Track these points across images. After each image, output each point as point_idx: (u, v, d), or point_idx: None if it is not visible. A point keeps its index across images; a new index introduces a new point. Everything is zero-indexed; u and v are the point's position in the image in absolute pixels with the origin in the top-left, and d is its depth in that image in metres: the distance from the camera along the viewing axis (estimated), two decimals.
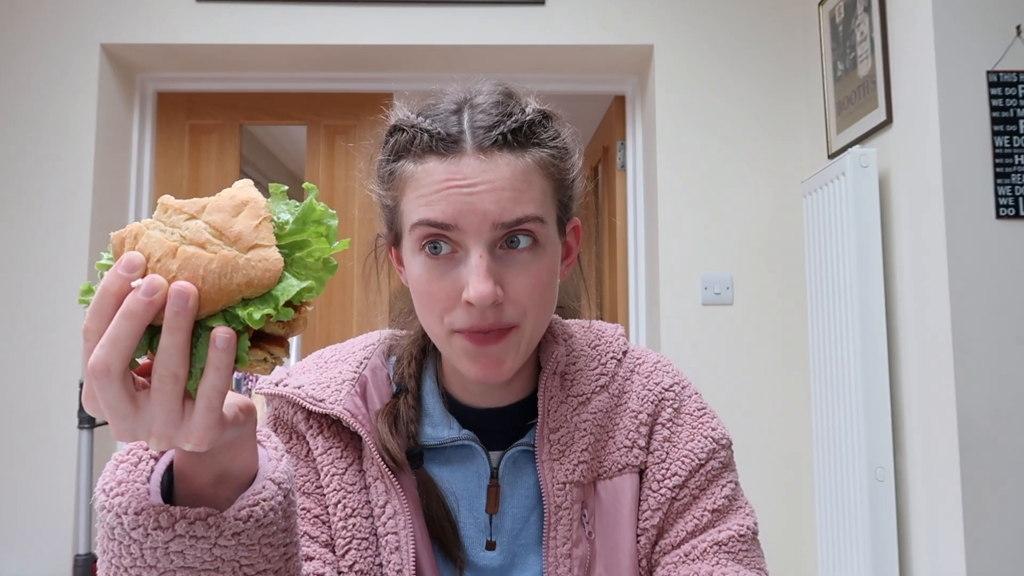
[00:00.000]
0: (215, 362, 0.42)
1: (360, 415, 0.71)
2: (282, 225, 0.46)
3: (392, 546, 0.68)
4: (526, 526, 0.72)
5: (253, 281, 0.43)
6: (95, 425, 2.10)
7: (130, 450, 0.52)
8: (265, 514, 0.50)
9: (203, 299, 0.42)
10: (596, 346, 0.79)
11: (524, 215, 0.65)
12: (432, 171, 0.65)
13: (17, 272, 2.36)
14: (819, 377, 2.13)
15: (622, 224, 2.72)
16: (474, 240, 0.64)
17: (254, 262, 0.43)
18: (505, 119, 0.67)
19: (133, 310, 0.41)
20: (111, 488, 0.49)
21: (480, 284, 0.63)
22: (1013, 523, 1.62)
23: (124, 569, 0.49)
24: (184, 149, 2.71)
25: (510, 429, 0.74)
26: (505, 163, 0.65)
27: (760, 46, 2.49)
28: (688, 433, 0.74)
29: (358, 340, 0.81)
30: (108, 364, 0.41)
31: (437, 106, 0.69)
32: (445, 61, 2.59)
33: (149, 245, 0.43)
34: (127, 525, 0.47)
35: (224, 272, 0.43)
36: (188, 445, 0.44)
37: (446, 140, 0.66)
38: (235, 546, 0.49)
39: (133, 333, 0.41)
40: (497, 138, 0.65)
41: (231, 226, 0.44)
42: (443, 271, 0.65)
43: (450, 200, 0.64)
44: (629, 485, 0.73)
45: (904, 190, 1.88)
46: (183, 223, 0.44)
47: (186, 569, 0.48)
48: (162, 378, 0.42)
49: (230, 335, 0.42)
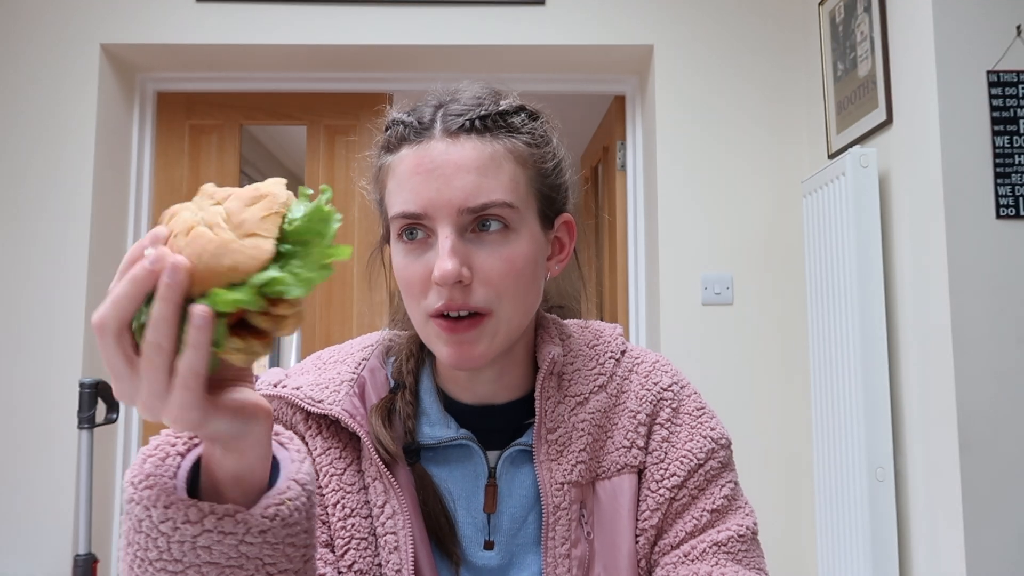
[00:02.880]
0: (192, 339, 0.44)
1: (358, 415, 0.71)
2: (291, 222, 0.47)
3: (391, 546, 0.68)
4: (524, 526, 0.72)
5: (238, 266, 0.44)
6: (95, 425, 2.10)
7: (157, 445, 0.53)
8: (290, 513, 0.51)
9: (196, 277, 0.44)
10: (594, 346, 0.79)
11: (490, 200, 0.66)
12: (404, 158, 0.68)
13: (17, 272, 2.36)
14: (819, 377, 2.13)
15: (622, 224, 2.72)
16: (443, 224, 0.66)
17: (246, 247, 0.45)
18: (476, 108, 0.69)
19: (136, 275, 0.44)
20: (140, 481, 0.50)
21: (444, 262, 0.64)
22: (1013, 523, 1.62)
23: (150, 562, 0.49)
24: (184, 149, 2.71)
25: (508, 428, 0.74)
26: (471, 146, 0.67)
27: (760, 46, 2.49)
28: (687, 433, 0.74)
29: (356, 341, 0.81)
30: (105, 320, 0.44)
31: (420, 104, 0.72)
32: (445, 61, 2.59)
33: (176, 223, 0.46)
34: (156, 518, 0.48)
35: (218, 253, 0.44)
36: (167, 421, 0.45)
37: (417, 128, 0.68)
38: (261, 544, 0.49)
39: (132, 296, 0.44)
40: (464, 123, 0.68)
41: (240, 213, 0.46)
42: (417, 255, 0.67)
43: (419, 188, 0.66)
44: (628, 485, 0.73)
45: (904, 190, 1.88)
46: (209, 207, 0.47)
47: (211, 565, 0.49)
48: (148, 345, 0.44)
49: (206, 312, 0.43)
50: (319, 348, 0.82)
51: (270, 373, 0.77)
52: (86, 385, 2.08)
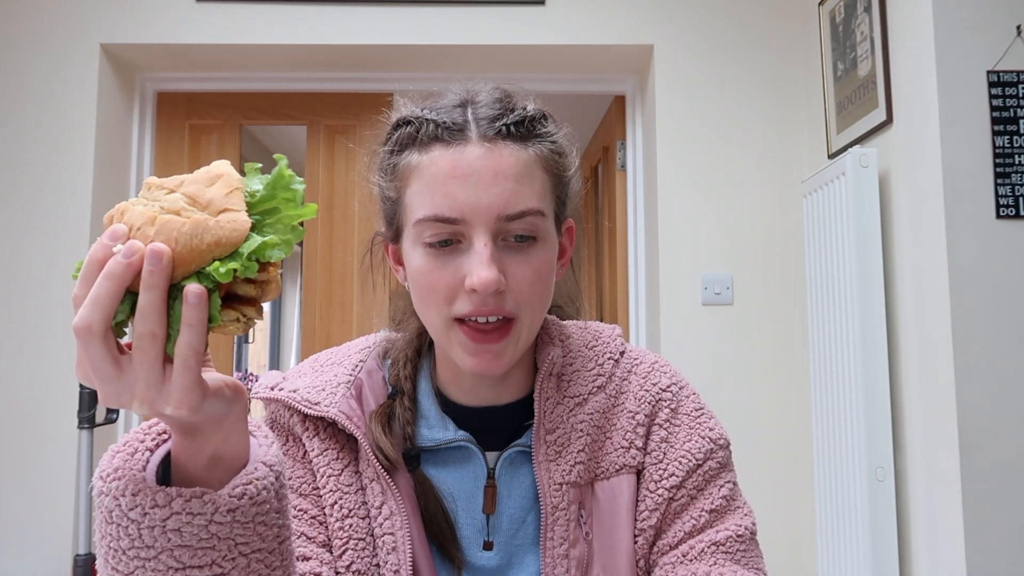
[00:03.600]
0: (188, 319, 0.45)
1: (355, 417, 0.71)
2: (253, 194, 0.48)
3: (389, 546, 0.68)
4: (523, 526, 0.72)
5: (222, 240, 0.46)
6: (95, 425, 2.10)
7: (126, 442, 0.53)
8: (258, 492, 0.51)
9: (177, 260, 0.45)
10: (593, 347, 0.79)
11: (527, 208, 0.66)
12: (437, 159, 0.67)
13: (17, 272, 2.36)
14: (819, 377, 2.13)
15: (622, 224, 2.72)
16: (479, 230, 0.65)
17: (223, 223, 0.46)
18: (508, 112, 0.69)
19: (113, 271, 0.44)
20: (108, 475, 0.50)
21: (485, 271, 0.64)
22: (1013, 523, 1.62)
23: (122, 551, 0.50)
24: (184, 149, 2.71)
25: (507, 429, 0.74)
26: (509, 153, 0.67)
27: (760, 46, 2.49)
28: (685, 434, 0.74)
29: (354, 344, 0.81)
30: (90, 323, 0.44)
31: (440, 102, 0.71)
32: (445, 61, 2.59)
33: (132, 217, 0.46)
34: (125, 506, 0.49)
35: (195, 233, 0.45)
36: (169, 408, 0.46)
37: (451, 129, 0.67)
38: (231, 523, 0.50)
39: (113, 292, 0.44)
40: (501, 128, 0.67)
41: (204, 194, 0.47)
42: (445, 261, 0.66)
43: (456, 192, 0.65)
44: (627, 486, 0.73)
45: (904, 190, 1.88)
46: (163, 197, 0.48)
47: (183, 548, 0.49)
48: (141, 336, 0.44)
49: (201, 291, 0.45)
50: (319, 349, 0.82)
51: (268, 376, 0.77)
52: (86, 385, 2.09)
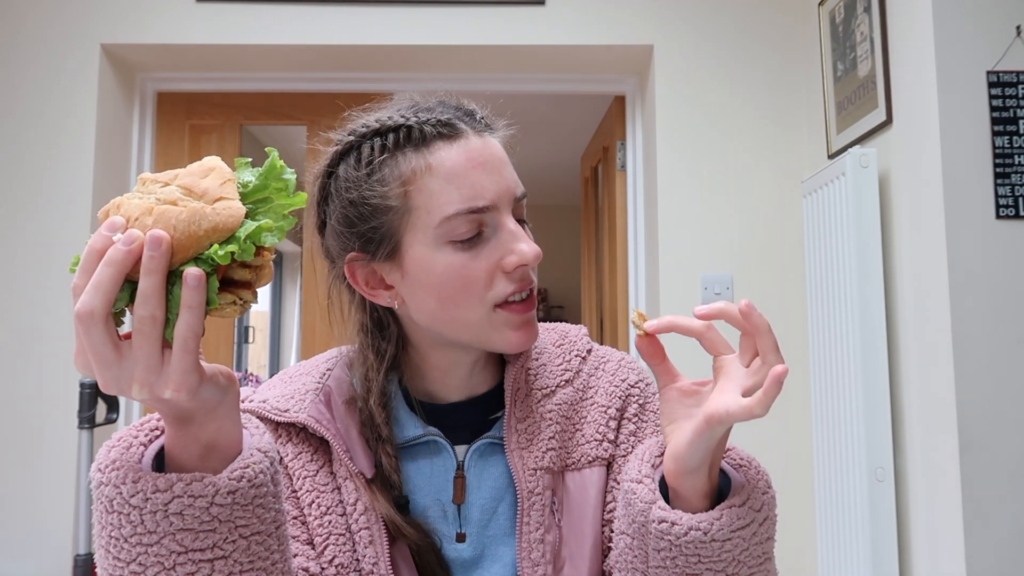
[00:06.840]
0: (188, 300, 0.46)
1: (325, 420, 0.73)
2: (245, 185, 0.51)
3: (366, 541, 0.70)
4: (494, 517, 0.74)
5: (219, 226, 0.48)
6: (95, 425, 2.10)
7: (120, 438, 0.55)
8: (256, 475, 0.53)
9: (175, 246, 0.47)
10: (560, 344, 0.83)
11: (524, 189, 0.73)
12: (449, 154, 0.69)
13: (17, 273, 2.36)
14: (819, 377, 2.13)
15: (622, 224, 2.72)
16: (506, 212, 0.70)
17: (219, 210, 0.48)
18: (468, 110, 0.74)
19: (113, 258, 0.46)
20: (106, 467, 0.52)
21: (530, 244, 0.69)
22: (1013, 523, 1.62)
23: (124, 539, 0.51)
24: (184, 149, 2.71)
25: (475, 424, 0.77)
26: (495, 142, 0.72)
27: (760, 46, 2.49)
28: (652, 429, 0.78)
29: (322, 355, 0.84)
30: (92, 308, 0.46)
31: (404, 109, 0.74)
32: (445, 61, 2.59)
33: (128, 210, 0.49)
34: (126, 493, 0.50)
35: (193, 220, 0.47)
36: (168, 391, 0.47)
37: (446, 125, 0.70)
38: (231, 505, 0.51)
39: (114, 279, 0.46)
40: (481, 120, 0.73)
41: (199, 185, 0.49)
42: (475, 252, 0.69)
43: (482, 180, 0.68)
44: (597, 477, 0.75)
45: (904, 190, 1.88)
46: (159, 190, 0.50)
47: (185, 531, 0.50)
48: (142, 320, 0.46)
49: (199, 273, 0.47)
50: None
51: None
52: (86, 385, 2.09)
